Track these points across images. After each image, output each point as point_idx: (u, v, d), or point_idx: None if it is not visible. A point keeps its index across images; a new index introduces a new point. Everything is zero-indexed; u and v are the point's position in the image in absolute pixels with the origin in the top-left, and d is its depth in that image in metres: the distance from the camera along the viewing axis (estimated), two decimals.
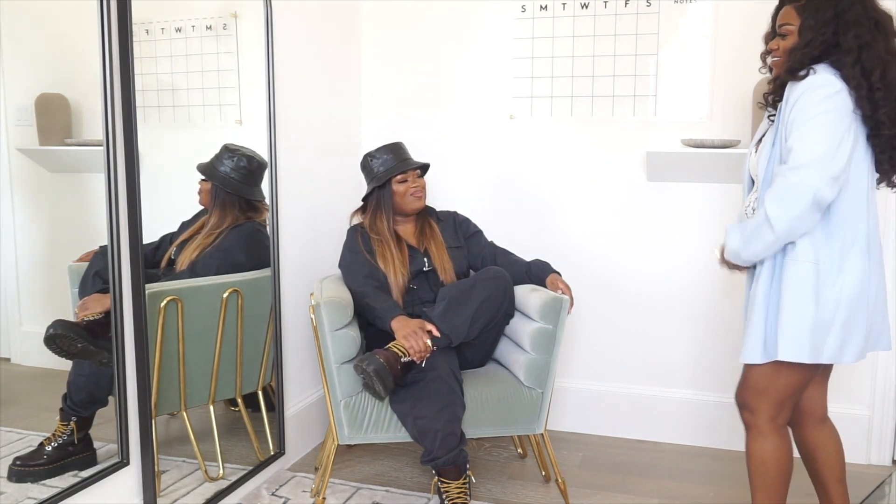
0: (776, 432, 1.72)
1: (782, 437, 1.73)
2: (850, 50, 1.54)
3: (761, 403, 1.71)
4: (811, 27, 1.59)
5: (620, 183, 2.78)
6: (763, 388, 1.70)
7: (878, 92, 1.53)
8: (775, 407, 1.70)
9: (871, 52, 1.54)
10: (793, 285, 1.61)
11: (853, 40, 1.54)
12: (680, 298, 2.76)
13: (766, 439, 1.72)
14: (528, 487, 2.42)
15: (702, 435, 2.77)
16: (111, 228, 1.76)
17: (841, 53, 1.56)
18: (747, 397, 1.75)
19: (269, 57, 2.33)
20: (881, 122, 1.56)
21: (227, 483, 2.20)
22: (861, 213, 1.61)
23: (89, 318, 1.77)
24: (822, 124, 1.53)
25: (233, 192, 2.20)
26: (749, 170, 1.80)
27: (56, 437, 1.75)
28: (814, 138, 1.52)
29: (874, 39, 1.55)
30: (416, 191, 2.41)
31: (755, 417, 1.73)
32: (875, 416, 2.60)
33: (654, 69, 2.69)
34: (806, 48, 1.59)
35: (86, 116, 1.76)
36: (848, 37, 1.55)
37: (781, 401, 1.70)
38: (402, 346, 2.06)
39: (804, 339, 1.59)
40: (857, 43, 1.54)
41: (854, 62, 1.54)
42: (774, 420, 1.71)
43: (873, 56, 1.54)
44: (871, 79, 1.53)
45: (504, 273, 2.26)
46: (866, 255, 1.62)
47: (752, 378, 1.72)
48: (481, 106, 2.91)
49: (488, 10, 2.85)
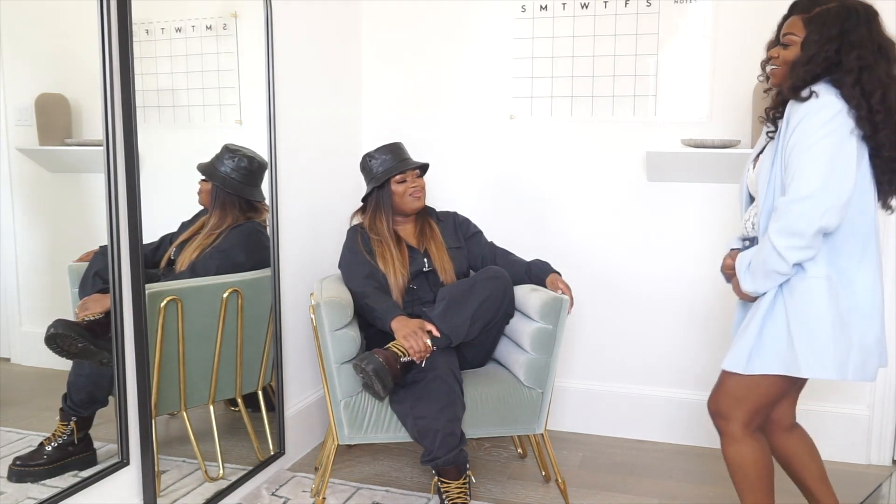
0: (750, 436, 1.73)
1: (756, 439, 1.74)
2: (851, 70, 1.54)
3: (736, 411, 1.71)
4: (815, 42, 1.58)
5: (620, 183, 2.78)
6: (741, 397, 1.70)
7: (878, 115, 1.54)
8: (749, 415, 1.71)
9: (872, 75, 1.54)
10: (807, 302, 1.60)
11: (855, 61, 1.54)
12: (680, 298, 2.76)
13: (740, 444, 1.73)
14: (528, 487, 2.42)
15: (702, 435, 2.76)
16: (111, 228, 1.76)
17: (842, 73, 1.56)
18: (722, 404, 1.75)
19: (269, 57, 2.33)
20: (881, 144, 1.57)
21: (227, 483, 2.20)
22: (870, 227, 1.61)
23: (89, 318, 1.77)
24: (825, 149, 1.52)
25: (233, 193, 2.20)
26: (747, 185, 1.80)
27: (56, 437, 1.75)
28: (816, 168, 1.52)
29: (876, 62, 1.55)
30: (415, 191, 2.41)
31: (729, 424, 1.73)
32: (875, 416, 2.60)
33: (654, 69, 2.68)
34: (808, 64, 1.58)
35: (86, 116, 1.76)
36: (850, 57, 1.55)
37: (756, 409, 1.71)
38: (402, 346, 2.06)
39: (827, 356, 1.59)
40: (858, 64, 1.54)
41: (854, 82, 1.54)
42: (747, 426, 1.72)
43: (874, 79, 1.54)
44: (871, 101, 1.53)
45: (504, 273, 2.26)
46: (877, 269, 1.62)
47: (730, 386, 1.72)
48: (481, 106, 2.91)
49: (488, 10, 2.85)
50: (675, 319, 2.78)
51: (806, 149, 1.53)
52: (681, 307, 2.77)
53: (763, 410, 1.73)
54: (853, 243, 1.60)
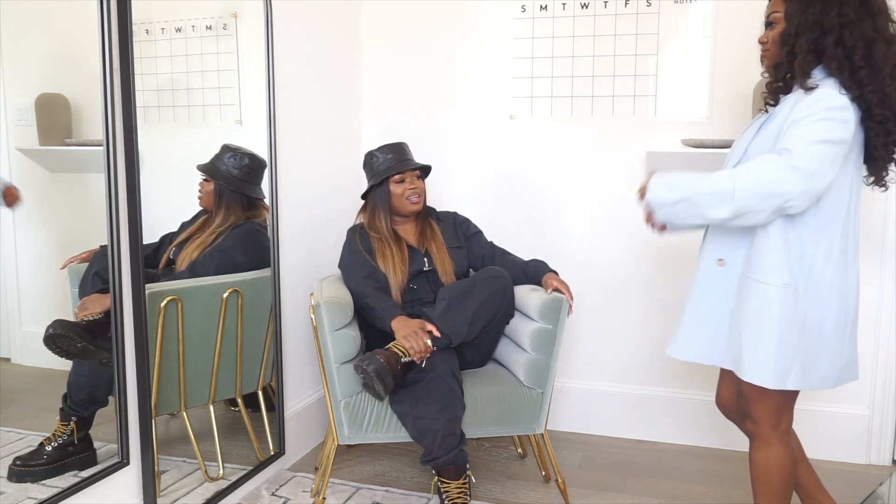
0: (780, 440, 1.70)
1: (786, 444, 1.71)
2: (832, 29, 1.52)
3: (761, 412, 1.69)
4: (797, 10, 1.57)
5: (620, 183, 2.77)
6: (758, 398, 1.68)
7: (861, 70, 1.51)
8: (775, 414, 1.69)
9: (855, 31, 1.51)
10: (767, 310, 1.59)
11: (836, 19, 1.52)
12: (680, 298, 2.76)
13: (770, 449, 1.70)
14: (528, 487, 2.42)
15: (702, 435, 2.77)
16: (111, 228, 1.76)
17: (823, 35, 1.53)
18: (746, 408, 1.73)
19: (269, 57, 2.33)
20: (870, 103, 1.52)
21: (227, 483, 2.20)
22: (836, 229, 1.58)
23: (89, 318, 1.77)
24: (823, 132, 1.49)
25: (236, 191, 2.20)
26: None
27: (56, 437, 1.75)
28: (811, 147, 1.49)
29: (860, 18, 1.52)
30: (413, 193, 2.40)
31: (758, 427, 1.71)
32: (875, 416, 2.60)
33: (654, 69, 2.69)
34: (797, 35, 1.56)
35: (86, 116, 1.76)
36: (831, 15, 1.53)
37: (779, 407, 1.69)
38: (403, 347, 2.06)
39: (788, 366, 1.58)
40: (839, 21, 1.52)
41: (836, 42, 1.52)
42: (777, 427, 1.69)
43: (856, 34, 1.51)
44: (854, 57, 1.51)
45: (504, 273, 2.26)
46: (844, 273, 1.60)
47: (746, 389, 1.70)
48: (481, 106, 2.91)
49: (488, 10, 2.85)
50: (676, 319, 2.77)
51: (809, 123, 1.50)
52: (681, 307, 2.76)
53: (786, 406, 1.69)
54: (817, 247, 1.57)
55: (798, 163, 1.49)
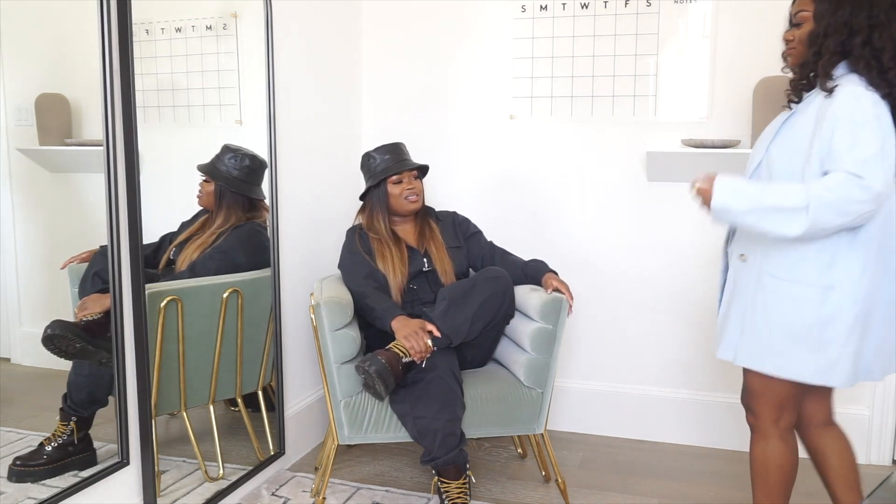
0: (779, 436, 1.71)
1: (785, 441, 1.71)
2: (861, 30, 1.51)
3: (761, 406, 1.71)
4: (826, 10, 1.55)
5: (620, 183, 2.78)
6: (760, 392, 1.70)
7: (890, 71, 1.50)
8: (775, 410, 1.69)
9: (884, 32, 1.51)
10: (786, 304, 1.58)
11: (865, 20, 1.51)
12: (680, 298, 2.76)
13: (767, 442, 1.71)
14: (528, 487, 2.42)
15: (702, 435, 2.77)
16: (111, 228, 1.76)
17: (852, 35, 1.52)
18: (748, 400, 1.75)
19: (269, 57, 2.33)
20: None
21: (227, 483, 2.20)
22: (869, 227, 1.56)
23: (88, 318, 1.77)
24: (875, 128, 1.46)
25: (237, 191, 2.20)
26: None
27: (56, 437, 1.75)
28: (872, 158, 1.44)
29: (889, 20, 1.51)
30: (410, 193, 2.40)
31: (758, 420, 1.73)
32: (875, 416, 2.60)
33: (654, 69, 2.69)
34: (825, 37, 1.55)
35: (86, 116, 1.76)
36: (860, 17, 1.52)
37: (780, 404, 1.69)
38: (403, 347, 2.06)
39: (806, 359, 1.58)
40: (868, 23, 1.51)
41: (864, 43, 1.51)
42: (776, 423, 1.70)
43: (885, 36, 1.51)
44: (883, 58, 1.50)
45: (504, 273, 2.26)
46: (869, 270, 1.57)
47: (749, 381, 1.73)
48: (481, 106, 2.91)
49: (488, 10, 2.85)
50: (676, 319, 2.78)
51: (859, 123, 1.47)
52: (681, 307, 2.76)
53: (788, 405, 1.69)
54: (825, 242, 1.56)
55: (867, 181, 1.44)
